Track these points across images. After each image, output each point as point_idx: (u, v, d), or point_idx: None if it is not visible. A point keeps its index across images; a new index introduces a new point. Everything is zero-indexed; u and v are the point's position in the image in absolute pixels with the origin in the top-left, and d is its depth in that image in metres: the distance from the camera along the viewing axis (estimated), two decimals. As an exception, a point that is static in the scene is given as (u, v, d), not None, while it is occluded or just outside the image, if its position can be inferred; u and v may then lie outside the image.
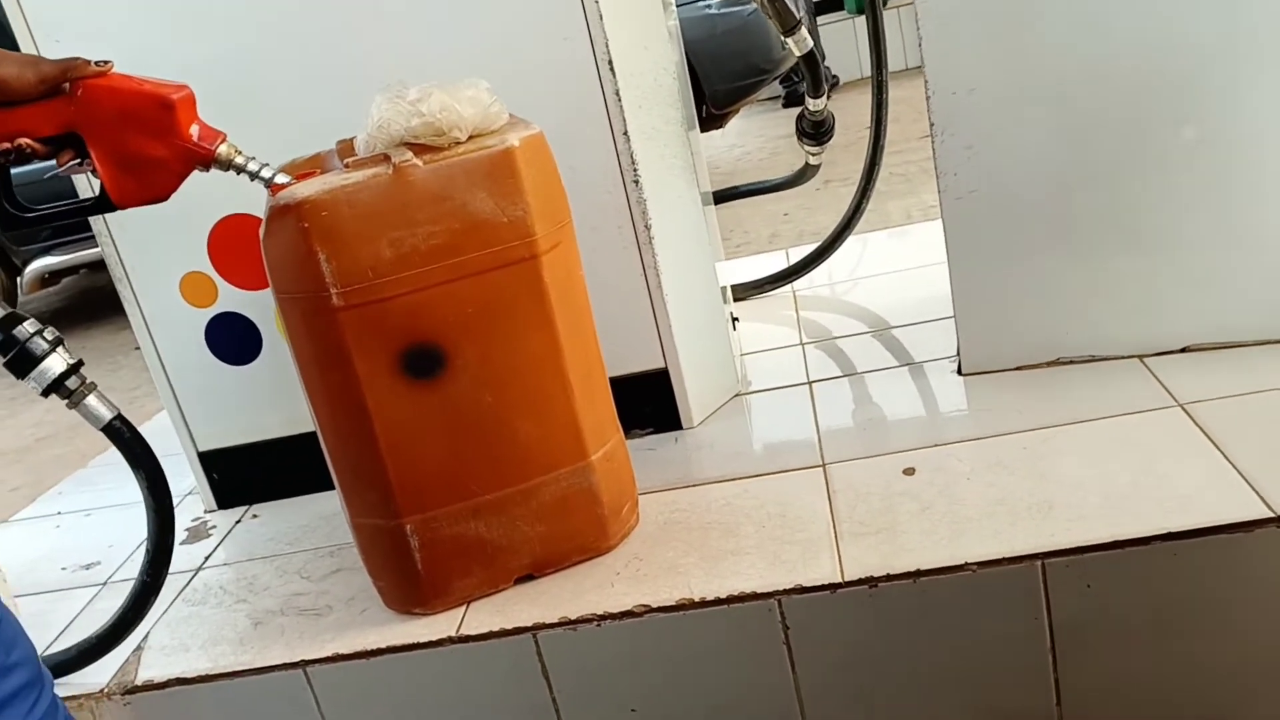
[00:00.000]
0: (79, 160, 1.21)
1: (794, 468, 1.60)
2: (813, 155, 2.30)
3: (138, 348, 1.87)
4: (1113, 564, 1.26)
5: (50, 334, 1.36)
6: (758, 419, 1.83)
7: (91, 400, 1.39)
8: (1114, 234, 1.62)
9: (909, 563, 1.31)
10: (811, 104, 2.17)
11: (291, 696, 1.43)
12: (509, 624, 1.38)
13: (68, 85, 1.17)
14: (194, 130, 1.22)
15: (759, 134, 6.34)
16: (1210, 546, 1.24)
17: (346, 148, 1.39)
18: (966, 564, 1.29)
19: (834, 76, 6.97)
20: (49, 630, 1.65)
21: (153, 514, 1.44)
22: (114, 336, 4.76)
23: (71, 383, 1.37)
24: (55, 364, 1.35)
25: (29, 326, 1.35)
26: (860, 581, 1.31)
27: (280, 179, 1.28)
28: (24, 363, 1.34)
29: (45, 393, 1.36)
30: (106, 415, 1.40)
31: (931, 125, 1.62)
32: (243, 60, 1.65)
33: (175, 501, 1.47)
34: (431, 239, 1.29)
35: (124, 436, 1.41)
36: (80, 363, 1.39)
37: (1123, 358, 1.67)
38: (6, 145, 1.18)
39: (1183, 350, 1.65)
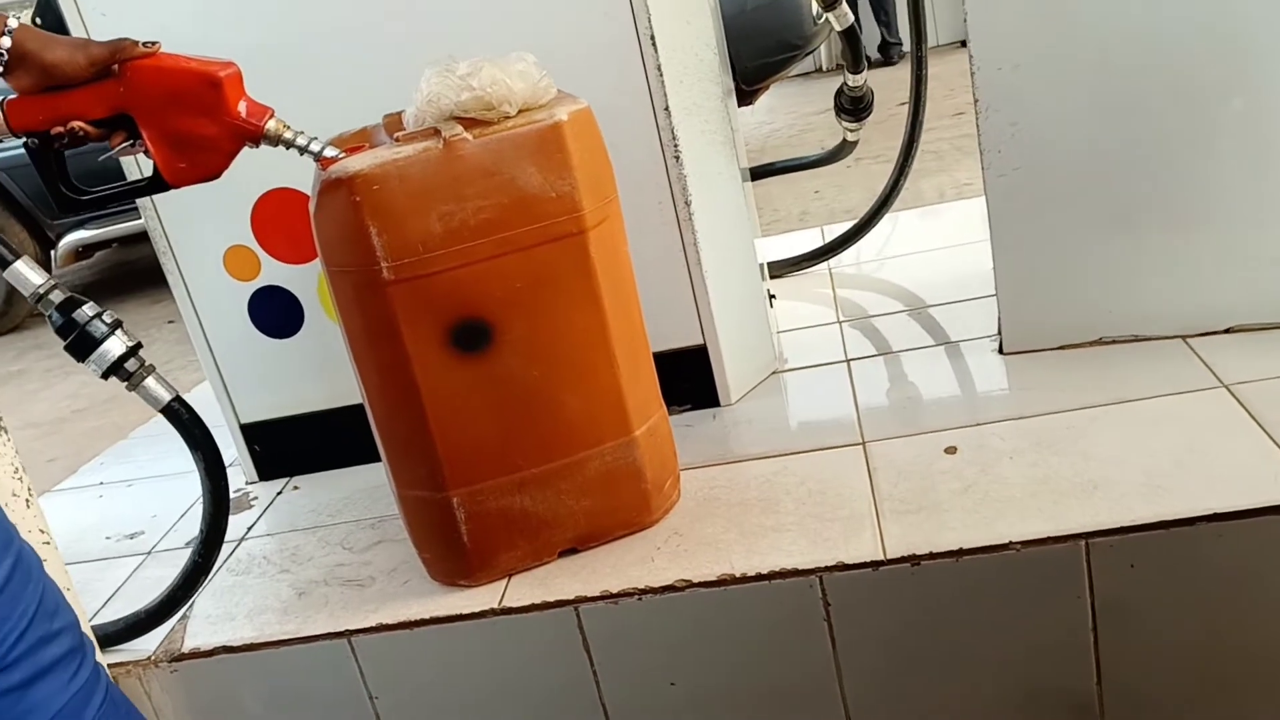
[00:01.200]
0: (131, 141, 1.23)
1: (833, 445, 1.60)
2: (850, 131, 2.29)
3: (171, 321, 1.89)
4: (1157, 544, 1.25)
5: (109, 317, 1.38)
6: (795, 396, 1.83)
7: (150, 382, 1.41)
8: (1158, 211, 1.60)
9: (951, 541, 1.31)
10: (851, 79, 2.16)
11: (336, 665, 1.45)
12: (550, 596, 1.39)
13: (117, 67, 1.18)
14: (242, 107, 1.23)
15: (789, 111, 6.30)
16: (1255, 528, 1.24)
17: (393, 122, 1.39)
18: (1010, 543, 1.29)
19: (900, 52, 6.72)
20: (96, 598, 1.68)
21: (208, 495, 1.46)
22: (147, 310, 4.80)
23: (131, 365, 1.38)
24: (115, 346, 1.37)
25: (88, 310, 1.36)
26: (903, 559, 1.31)
27: (329, 152, 1.29)
28: (84, 345, 1.36)
29: (105, 375, 1.38)
30: (165, 397, 1.41)
31: (976, 101, 1.61)
32: (288, 36, 1.65)
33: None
34: (480, 213, 1.29)
35: (183, 418, 1.43)
36: (139, 345, 1.40)
37: (1166, 338, 1.65)
38: (60, 129, 1.19)
39: (1227, 331, 1.63)
